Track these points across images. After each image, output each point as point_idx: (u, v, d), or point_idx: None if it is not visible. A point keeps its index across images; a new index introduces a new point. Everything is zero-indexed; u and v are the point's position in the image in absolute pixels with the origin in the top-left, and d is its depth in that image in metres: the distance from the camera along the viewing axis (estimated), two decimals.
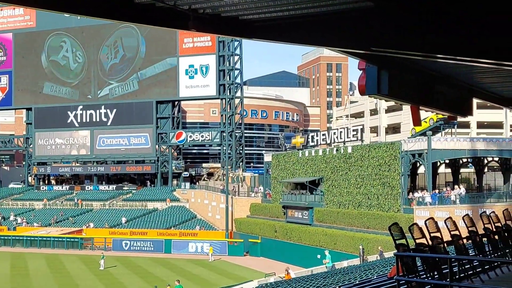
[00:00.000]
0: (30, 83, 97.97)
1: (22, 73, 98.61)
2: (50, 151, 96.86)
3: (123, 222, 77.71)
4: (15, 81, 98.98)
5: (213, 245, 64.35)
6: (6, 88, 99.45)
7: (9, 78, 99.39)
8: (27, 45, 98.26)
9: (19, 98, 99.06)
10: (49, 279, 49.47)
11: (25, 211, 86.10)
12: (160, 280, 46.85)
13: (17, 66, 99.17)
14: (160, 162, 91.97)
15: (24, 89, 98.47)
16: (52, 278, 49.76)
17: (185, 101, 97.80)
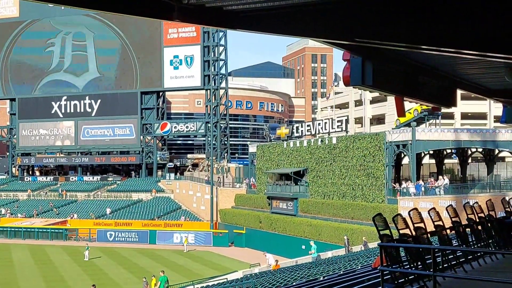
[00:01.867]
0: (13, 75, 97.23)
1: (5, 64, 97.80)
2: (34, 141, 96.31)
3: (107, 213, 77.46)
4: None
5: (198, 236, 64.40)
6: None
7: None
8: (9, 37, 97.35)
9: (3, 89, 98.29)
10: (33, 270, 49.25)
11: (9, 202, 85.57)
12: (145, 271, 46.80)
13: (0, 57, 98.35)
14: (144, 153, 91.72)
15: (7, 80, 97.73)
16: (36, 269, 49.54)
17: (169, 92, 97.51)
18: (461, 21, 5.72)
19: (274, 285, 22.44)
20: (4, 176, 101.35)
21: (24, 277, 45.91)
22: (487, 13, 5.76)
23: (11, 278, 45.49)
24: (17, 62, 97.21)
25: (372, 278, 11.66)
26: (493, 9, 5.72)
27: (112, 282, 43.35)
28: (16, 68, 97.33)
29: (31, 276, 46.15)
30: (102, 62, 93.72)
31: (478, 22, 5.79)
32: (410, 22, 5.64)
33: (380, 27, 5.38)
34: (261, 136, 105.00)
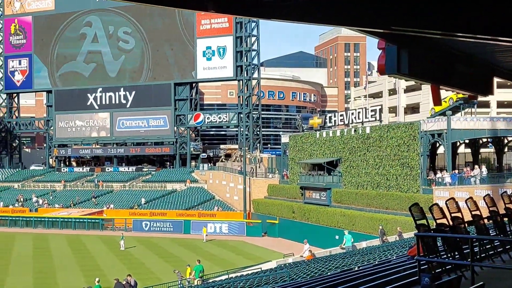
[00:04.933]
0: (50, 67, 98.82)
1: (42, 57, 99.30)
2: (70, 133, 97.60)
3: (142, 203, 78.29)
4: (35, 64, 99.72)
5: (231, 226, 64.72)
6: (27, 71, 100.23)
7: (29, 61, 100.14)
8: (47, 30, 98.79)
9: (39, 81, 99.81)
10: (70, 259, 50.07)
11: (46, 193, 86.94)
12: (180, 260, 47.27)
13: (37, 49, 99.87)
14: (178, 143, 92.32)
15: (44, 72, 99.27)
16: (73, 259, 50.34)
17: (202, 83, 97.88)
18: (498, 8, 5.64)
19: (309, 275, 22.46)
20: (41, 167, 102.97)
21: (61, 266, 46.71)
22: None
23: (48, 267, 46.33)
24: (59, 56, 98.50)
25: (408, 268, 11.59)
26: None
27: (147, 271, 43.85)
28: (58, 61, 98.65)
29: (68, 265, 46.92)
30: (136, 54, 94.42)
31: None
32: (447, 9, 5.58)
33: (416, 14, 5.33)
34: (294, 126, 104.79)
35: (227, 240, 60.11)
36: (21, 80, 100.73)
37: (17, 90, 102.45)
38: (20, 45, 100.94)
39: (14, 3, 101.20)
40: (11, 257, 51.38)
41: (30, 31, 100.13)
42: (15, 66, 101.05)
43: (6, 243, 59.92)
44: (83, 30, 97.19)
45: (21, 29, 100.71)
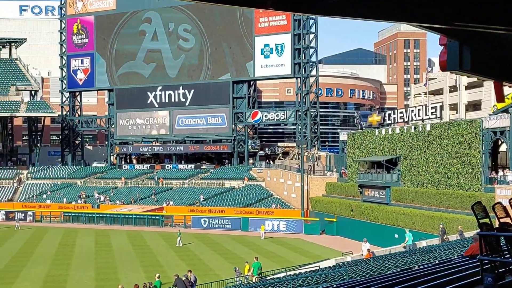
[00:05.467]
0: (111, 66, 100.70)
1: (103, 56, 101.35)
2: (131, 131, 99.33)
3: (201, 200, 79.09)
4: (97, 63, 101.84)
5: (289, 224, 64.72)
6: (89, 70, 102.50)
7: (91, 60, 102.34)
8: (108, 28, 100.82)
9: (100, 80, 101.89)
10: (131, 255, 50.98)
11: (107, 189, 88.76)
12: (237, 257, 47.56)
13: (98, 48, 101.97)
14: (236, 141, 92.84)
15: (105, 71, 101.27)
16: (134, 254, 51.24)
17: (260, 81, 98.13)
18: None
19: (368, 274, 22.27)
20: (103, 164, 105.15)
21: (122, 261, 47.60)
22: None
23: (110, 263, 47.30)
24: (119, 55, 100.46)
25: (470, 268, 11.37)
26: None
27: (206, 267, 44.27)
28: (118, 60, 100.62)
29: (129, 261, 47.79)
30: (195, 52, 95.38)
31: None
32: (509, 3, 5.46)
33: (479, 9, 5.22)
34: (352, 123, 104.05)
35: (285, 238, 60.14)
36: (83, 79, 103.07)
37: (79, 88, 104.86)
38: (82, 44, 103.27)
39: (76, 3, 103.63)
40: (74, 252, 52.67)
41: (92, 31, 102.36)
42: (78, 65, 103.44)
43: (69, 239, 61.47)
44: (142, 27, 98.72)
45: (83, 29, 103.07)
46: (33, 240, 60.71)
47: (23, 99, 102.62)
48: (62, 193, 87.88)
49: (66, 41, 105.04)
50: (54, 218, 76.66)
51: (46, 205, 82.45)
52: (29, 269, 44.29)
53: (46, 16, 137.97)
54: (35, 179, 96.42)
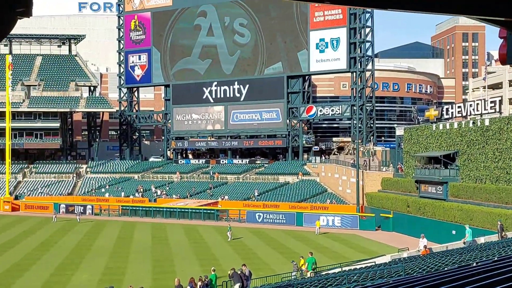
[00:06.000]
0: (168, 62, 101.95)
1: (160, 52, 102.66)
2: (187, 126, 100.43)
3: (256, 195, 79.41)
4: (154, 59, 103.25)
5: (344, 219, 64.37)
6: (146, 66, 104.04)
7: (148, 56, 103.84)
8: (164, 23, 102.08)
9: (157, 76, 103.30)
10: (187, 248, 51.59)
11: (164, 184, 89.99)
12: (292, 252, 47.60)
13: (155, 44, 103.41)
14: (291, 136, 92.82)
15: (162, 66, 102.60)
16: (190, 248, 51.84)
17: (315, 75, 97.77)
18: None
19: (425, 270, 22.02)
20: (160, 159, 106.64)
21: (178, 255, 48.22)
22: None
23: (167, 256, 47.98)
24: (175, 50, 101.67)
25: None
26: None
27: (261, 261, 44.46)
28: (174, 55, 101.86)
29: (185, 254, 48.38)
30: (250, 47, 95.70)
31: None
32: None
33: None
34: (409, 118, 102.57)
35: (340, 233, 59.85)
36: (140, 75, 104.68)
37: (136, 84, 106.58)
38: (140, 40, 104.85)
39: (134, 0, 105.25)
40: (132, 245, 53.64)
41: (149, 27, 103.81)
42: (135, 61, 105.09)
43: (127, 232, 62.60)
44: (198, 21, 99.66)
45: (140, 25, 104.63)
46: (92, 233, 62.11)
47: (82, 95, 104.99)
48: (120, 187, 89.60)
49: (124, 38, 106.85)
50: (113, 211, 78.20)
51: (104, 199, 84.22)
52: (88, 261, 45.35)
53: (105, 13, 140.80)
54: (94, 173, 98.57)
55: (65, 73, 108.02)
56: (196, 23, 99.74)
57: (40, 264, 44.24)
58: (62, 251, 50.07)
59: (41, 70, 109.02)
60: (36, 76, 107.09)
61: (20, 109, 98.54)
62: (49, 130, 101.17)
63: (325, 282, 24.47)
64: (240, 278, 31.78)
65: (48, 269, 42.06)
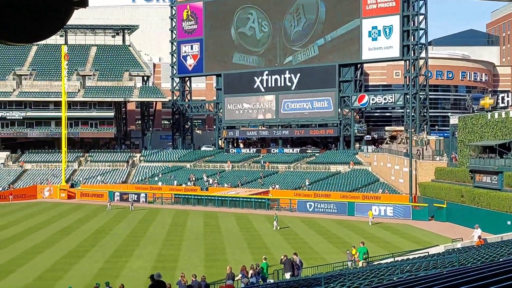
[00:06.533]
0: (219, 52, 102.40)
1: (212, 41, 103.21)
2: (238, 115, 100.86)
3: (307, 184, 79.35)
4: (205, 49, 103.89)
5: (396, 209, 63.78)
6: (198, 56, 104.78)
7: (200, 46, 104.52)
8: (217, 15, 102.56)
9: (209, 65, 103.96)
10: (239, 236, 51.96)
11: (215, 173, 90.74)
12: (343, 242, 47.50)
13: (207, 34, 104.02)
14: (342, 125, 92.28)
15: (214, 56, 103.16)
16: (241, 236, 52.20)
17: (367, 64, 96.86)
18: None
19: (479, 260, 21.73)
20: (211, 148, 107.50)
21: (230, 243, 48.63)
22: None
23: (218, 244, 48.44)
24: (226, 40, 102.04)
25: None
26: None
27: (311, 250, 44.48)
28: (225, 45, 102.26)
29: (236, 242, 48.74)
30: (302, 35, 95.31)
31: None
32: None
33: None
34: (463, 107, 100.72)
35: (392, 223, 59.36)
36: (192, 65, 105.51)
37: (189, 74, 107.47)
38: (192, 30, 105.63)
39: None
40: (184, 233, 54.34)
41: (201, 17, 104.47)
42: (187, 51, 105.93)
43: (180, 220, 63.44)
44: (250, 10, 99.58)
45: (192, 15, 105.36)
46: (146, 220, 63.15)
47: (136, 85, 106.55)
48: (173, 175, 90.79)
49: (176, 27, 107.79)
50: (166, 199, 79.31)
51: (158, 187, 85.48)
52: (142, 248, 46.16)
53: (157, 3, 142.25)
54: (147, 162, 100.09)
55: (119, 63, 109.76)
56: (250, 12, 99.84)
57: (96, 251, 45.27)
58: (116, 238, 51.10)
59: (95, 60, 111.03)
60: (91, 66, 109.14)
61: (76, 98, 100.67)
62: (103, 119, 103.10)
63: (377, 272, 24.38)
64: (292, 266, 31.90)
65: (103, 256, 43.01)
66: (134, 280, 33.29)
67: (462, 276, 10.94)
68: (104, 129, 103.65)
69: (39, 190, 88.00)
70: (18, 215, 68.97)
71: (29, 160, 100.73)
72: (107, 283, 27.62)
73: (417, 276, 16.30)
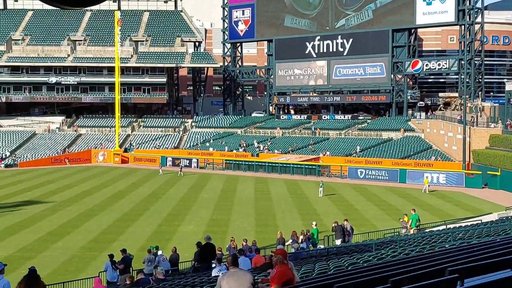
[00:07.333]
0: (271, 16, 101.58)
1: (263, 6, 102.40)
2: (289, 81, 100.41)
3: (358, 151, 78.92)
4: (257, 14, 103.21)
5: (449, 177, 62.99)
6: (249, 21, 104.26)
7: (252, 11, 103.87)
8: None
9: (260, 30, 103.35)
10: (289, 202, 52.27)
11: (265, 139, 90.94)
12: (394, 209, 47.31)
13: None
14: (395, 91, 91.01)
15: (265, 21, 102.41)
16: (291, 202, 52.49)
17: (421, 29, 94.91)
18: None
19: None
20: (262, 114, 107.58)
21: (280, 208, 48.97)
22: None
23: (269, 209, 48.83)
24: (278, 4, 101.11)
25: None
26: None
27: (362, 217, 44.45)
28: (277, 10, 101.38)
29: (286, 208, 49.05)
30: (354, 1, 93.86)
31: None
32: None
33: None
34: None
35: (445, 191, 58.70)
36: (244, 30, 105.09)
37: (240, 40, 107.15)
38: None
39: None
40: (235, 198, 54.92)
41: None
42: (239, 16, 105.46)
43: (231, 185, 64.09)
44: None
45: None
46: (197, 185, 64.01)
47: (188, 50, 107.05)
48: (224, 141, 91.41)
49: None
50: (217, 165, 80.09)
51: (209, 153, 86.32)
52: (194, 213, 46.90)
53: None
54: (198, 128, 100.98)
55: (171, 28, 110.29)
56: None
57: (149, 215, 46.22)
58: (169, 203, 52.02)
59: (148, 25, 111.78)
60: (144, 32, 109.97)
61: (129, 64, 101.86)
62: (156, 85, 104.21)
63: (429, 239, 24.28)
64: (342, 233, 32.00)
65: (156, 220, 43.89)
66: (187, 243, 33.89)
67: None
68: (157, 95, 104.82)
69: (94, 155, 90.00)
70: (74, 178, 70.80)
71: (84, 125, 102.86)
72: (156, 247, 28.20)
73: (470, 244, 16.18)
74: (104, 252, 30.85)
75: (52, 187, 62.28)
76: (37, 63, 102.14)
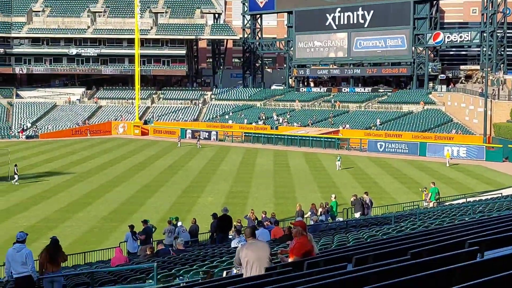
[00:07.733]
0: None
1: None
2: (309, 53, 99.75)
3: (378, 124, 78.55)
4: None
5: (470, 150, 62.58)
6: None
7: None
8: None
9: (280, 2, 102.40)
10: (308, 175, 52.35)
11: (285, 112, 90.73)
12: (414, 182, 47.18)
13: None
14: (416, 64, 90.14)
15: None
16: (310, 175, 52.57)
17: (443, 1, 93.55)
18: None
19: None
20: (281, 86, 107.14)
21: (299, 181, 49.07)
22: None
23: (288, 182, 48.99)
24: None
25: None
26: None
27: (381, 190, 44.42)
28: None
29: (305, 181, 49.15)
30: None
31: None
32: None
33: None
34: None
35: (465, 165, 58.36)
36: (264, 1, 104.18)
37: (260, 11, 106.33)
38: None
39: None
40: (254, 171, 55.09)
41: None
42: None
43: (250, 158, 64.26)
44: None
45: None
46: (217, 158, 64.25)
47: (207, 22, 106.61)
48: (243, 114, 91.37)
49: None
50: (236, 138, 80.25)
51: (228, 125, 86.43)
52: (213, 185, 47.17)
53: None
54: (218, 100, 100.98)
55: (190, 0, 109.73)
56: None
57: (168, 186, 46.57)
58: (188, 174, 52.35)
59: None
60: (163, 4, 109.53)
61: (148, 36, 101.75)
62: (175, 57, 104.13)
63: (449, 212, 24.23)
64: (362, 206, 32.02)
65: (176, 191, 44.22)
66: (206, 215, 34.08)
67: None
68: (176, 67, 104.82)
69: (114, 126, 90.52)
70: (94, 150, 71.40)
71: (104, 96, 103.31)
72: (176, 218, 28.46)
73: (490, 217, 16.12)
74: (125, 223, 31.22)
75: (73, 159, 62.92)
76: (57, 34, 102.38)
